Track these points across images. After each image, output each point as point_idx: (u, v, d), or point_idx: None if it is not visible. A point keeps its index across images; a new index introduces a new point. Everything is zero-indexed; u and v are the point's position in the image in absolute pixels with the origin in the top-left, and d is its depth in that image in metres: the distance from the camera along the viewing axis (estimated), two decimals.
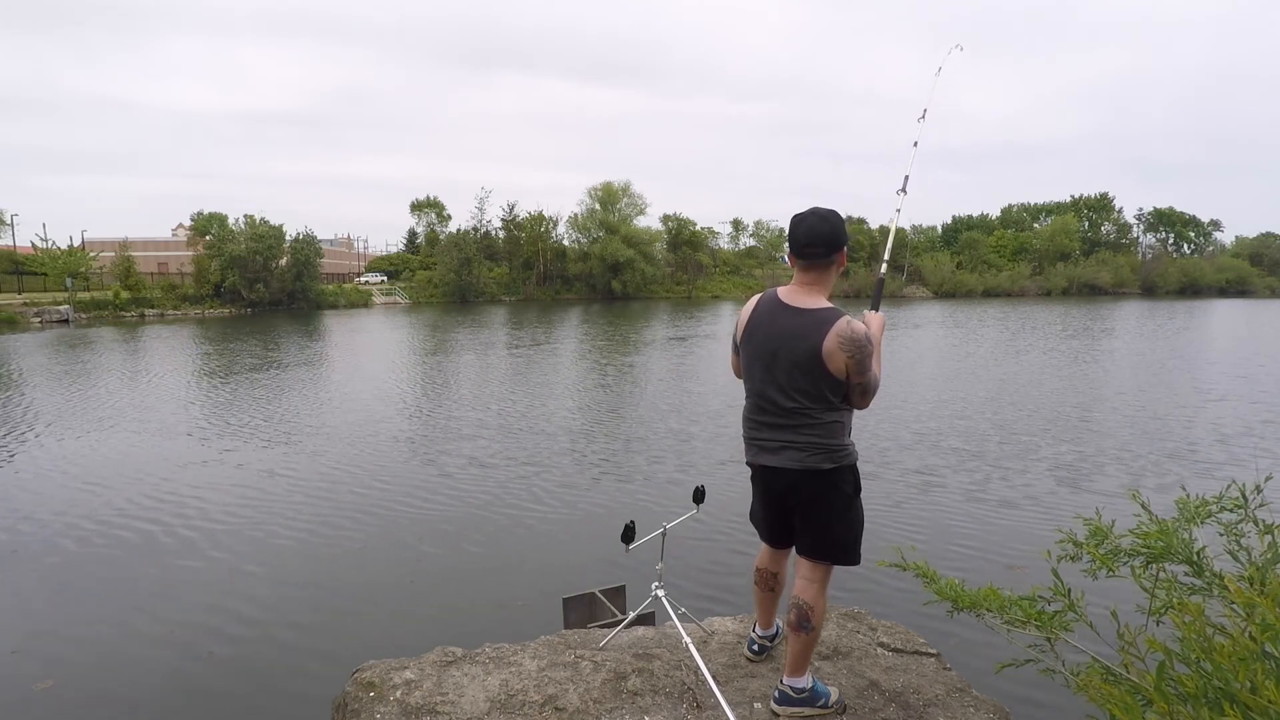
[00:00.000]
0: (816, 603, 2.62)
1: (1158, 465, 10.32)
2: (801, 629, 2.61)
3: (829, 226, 2.55)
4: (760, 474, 2.77)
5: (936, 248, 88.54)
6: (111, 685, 5.18)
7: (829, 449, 2.58)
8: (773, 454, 2.65)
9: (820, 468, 2.58)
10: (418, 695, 2.74)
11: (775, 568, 2.96)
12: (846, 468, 2.63)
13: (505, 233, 72.16)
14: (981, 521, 8.08)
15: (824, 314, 2.51)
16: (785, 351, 2.55)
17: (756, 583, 3.00)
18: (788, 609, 2.68)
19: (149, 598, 6.40)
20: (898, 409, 14.33)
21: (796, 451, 2.59)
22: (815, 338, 2.49)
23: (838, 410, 2.58)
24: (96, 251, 51.55)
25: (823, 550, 2.66)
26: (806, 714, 2.65)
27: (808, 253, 2.56)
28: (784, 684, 2.67)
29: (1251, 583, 2.15)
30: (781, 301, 2.62)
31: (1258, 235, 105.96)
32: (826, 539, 2.66)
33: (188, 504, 8.80)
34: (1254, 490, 2.49)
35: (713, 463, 10.51)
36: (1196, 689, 1.80)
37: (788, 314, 2.58)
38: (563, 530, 7.98)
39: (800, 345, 2.51)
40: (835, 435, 2.59)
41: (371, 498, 9.03)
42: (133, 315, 44.87)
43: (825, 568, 2.67)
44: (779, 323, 2.59)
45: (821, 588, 2.65)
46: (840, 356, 2.47)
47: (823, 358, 2.48)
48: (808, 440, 2.57)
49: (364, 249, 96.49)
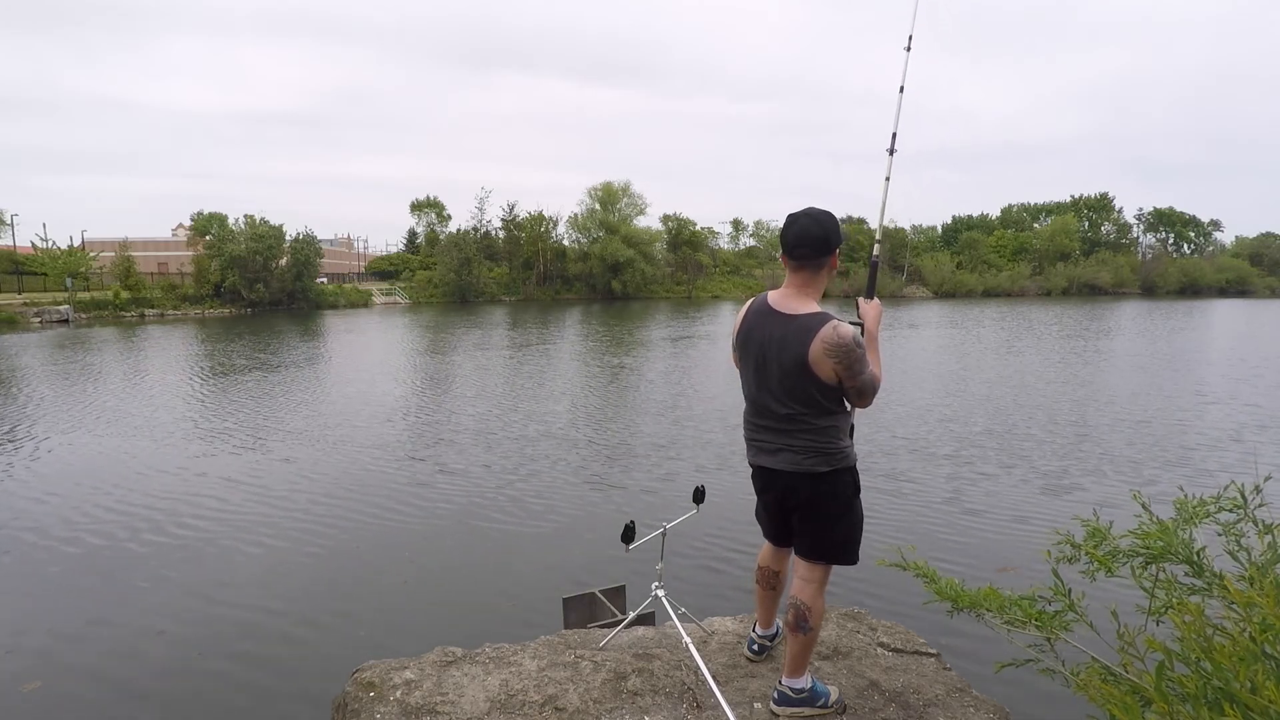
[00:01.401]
0: (814, 603, 2.62)
1: (1157, 465, 10.32)
2: (800, 629, 2.61)
3: (820, 229, 2.51)
4: (760, 474, 2.78)
5: (936, 248, 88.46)
6: (104, 687, 5.13)
7: (825, 452, 2.57)
8: (770, 455, 2.66)
9: (817, 471, 2.58)
10: (418, 695, 2.74)
11: (777, 566, 2.97)
12: (844, 470, 2.62)
13: (505, 233, 72.10)
14: (974, 522, 8.08)
15: (809, 320, 2.48)
16: (774, 360, 2.54)
17: (758, 581, 3.02)
18: (785, 609, 2.69)
19: (144, 598, 6.38)
20: (894, 409, 14.33)
21: (793, 454, 2.59)
22: (801, 346, 2.46)
23: (833, 414, 2.57)
24: (96, 251, 51.49)
25: (820, 551, 2.67)
26: (806, 714, 2.65)
27: (797, 254, 2.53)
28: (783, 684, 2.68)
29: (1251, 583, 2.15)
30: (770, 307, 2.60)
31: (1258, 235, 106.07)
32: (824, 540, 2.66)
33: (185, 503, 8.80)
34: (1253, 490, 2.49)
35: (713, 463, 10.51)
36: (1196, 689, 1.80)
37: (775, 320, 2.56)
38: (563, 530, 7.98)
39: (787, 354, 2.50)
40: (831, 438, 2.58)
41: (371, 497, 9.03)
42: (133, 315, 44.83)
43: (823, 568, 2.68)
44: (767, 329, 2.57)
45: (819, 588, 2.65)
46: (828, 364, 2.45)
47: (810, 365, 2.46)
48: (804, 444, 2.57)
49: (364, 249, 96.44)
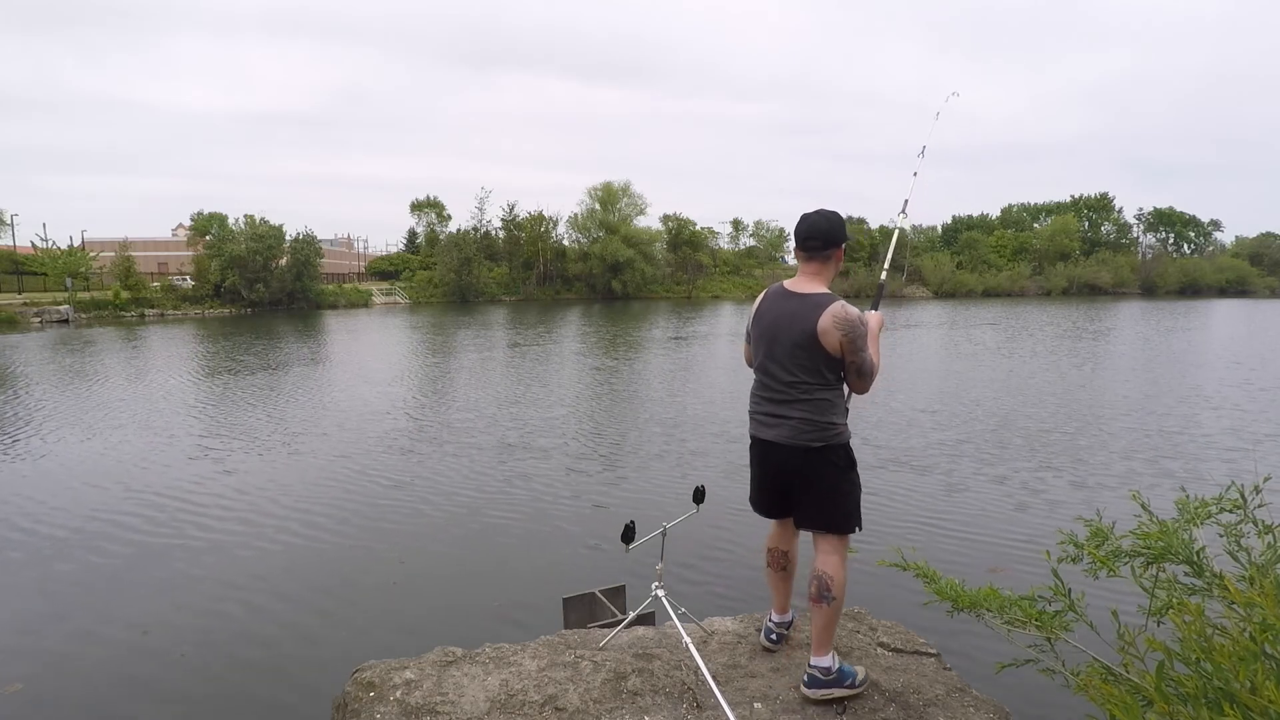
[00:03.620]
0: (837, 573, 2.73)
1: (1157, 465, 10.31)
2: (823, 599, 2.71)
3: (828, 224, 2.83)
4: (757, 446, 2.95)
5: (936, 248, 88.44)
6: (96, 688, 5.03)
7: (819, 425, 2.75)
8: (770, 429, 2.85)
9: (811, 445, 2.75)
10: (418, 695, 2.74)
11: (785, 545, 3.05)
12: (838, 446, 2.79)
13: (505, 233, 72.11)
14: (974, 522, 8.07)
15: (820, 298, 2.77)
16: (785, 331, 2.78)
17: (769, 564, 3.09)
18: (809, 583, 2.76)
19: (141, 599, 6.36)
20: (894, 408, 14.33)
21: (789, 428, 2.78)
22: (812, 318, 2.72)
23: (832, 388, 2.78)
24: (96, 251, 51.54)
25: (823, 521, 2.80)
26: (836, 695, 2.72)
27: (808, 244, 2.83)
28: (811, 666, 2.75)
29: (1251, 583, 2.15)
30: (785, 289, 2.89)
31: (1258, 235, 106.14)
32: (826, 510, 2.79)
33: (183, 503, 8.79)
34: (1253, 491, 2.49)
35: (713, 463, 10.51)
36: (1196, 689, 1.81)
37: (789, 299, 2.84)
38: (563, 530, 7.97)
39: (798, 325, 2.75)
40: (826, 413, 2.76)
41: (371, 497, 9.02)
42: (132, 315, 44.81)
43: (836, 538, 2.78)
44: (781, 306, 2.84)
45: (841, 558, 2.77)
46: (835, 334, 2.69)
47: (818, 335, 2.70)
48: (801, 415, 2.76)
49: (364, 249, 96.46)
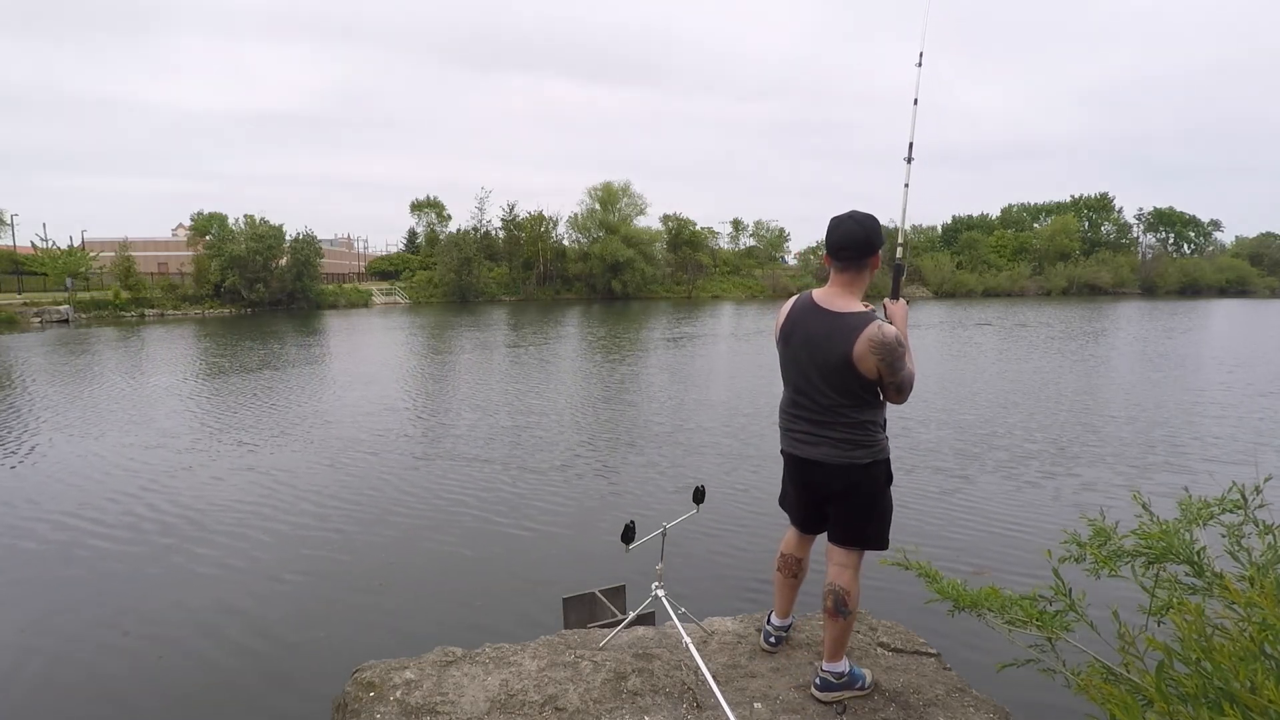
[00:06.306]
0: (852, 587, 2.73)
1: (1157, 465, 10.31)
2: (839, 614, 2.71)
3: (863, 231, 2.63)
4: (794, 464, 2.85)
5: (936, 248, 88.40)
6: (95, 688, 5.06)
7: (864, 444, 2.67)
8: (810, 447, 2.74)
9: (857, 463, 2.67)
10: (418, 695, 2.74)
11: (801, 553, 3.04)
12: (881, 461, 2.72)
13: (505, 233, 72.04)
14: (974, 522, 8.07)
15: (855, 319, 2.58)
16: (819, 354, 2.64)
17: (780, 569, 3.06)
18: (823, 596, 2.76)
19: (140, 598, 6.36)
20: (891, 408, 14.29)
21: (832, 447, 2.69)
22: (846, 343, 2.56)
23: (873, 408, 2.68)
24: (96, 251, 51.48)
25: (856, 538, 2.77)
26: (846, 697, 2.75)
27: (841, 255, 2.65)
28: (824, 670, 2.76)
29: (1251, 583, 2.15)
30: (815, 304, 2.70)
31: (1258, 235, 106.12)
32: (861, 527, 2.76)
33: (183, 503, 8.78)
34: (1254, 491, 2.49)
35: (713, 463, 10.51)
36: (1196, 689, 1.80)
37: (821, 317, 2.66)
38: (563, 530, 7.97)
39: (833, 350, 2.60)
40: (869, 431, 2.68)
41: (371, 497, 9.02)
42: (133, 315, 44.77)
43: (858, 553, 2.77)
44: (812, 325, 2.68)
45: (855, 572, 2.76)
46: (871, 360, 2.55)
47: (854, 361, 2.56)
48: (843, 436, 2.67)
49: (364, 249, 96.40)
